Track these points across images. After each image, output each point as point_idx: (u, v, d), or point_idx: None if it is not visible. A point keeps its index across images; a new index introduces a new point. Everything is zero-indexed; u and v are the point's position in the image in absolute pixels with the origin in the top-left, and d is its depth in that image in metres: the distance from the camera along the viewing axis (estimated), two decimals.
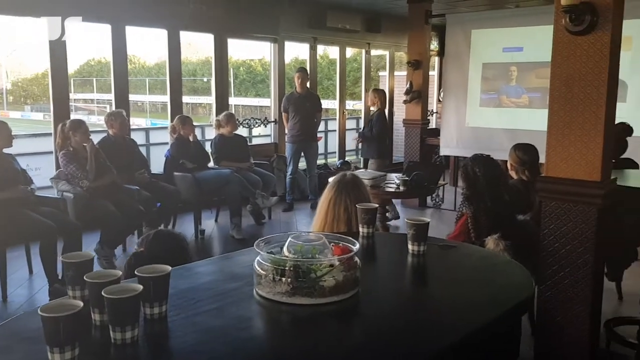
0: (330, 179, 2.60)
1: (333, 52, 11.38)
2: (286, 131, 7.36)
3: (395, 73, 10.26)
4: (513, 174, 3.74)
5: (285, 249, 1.48)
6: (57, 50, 5.71)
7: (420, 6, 7.18)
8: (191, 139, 6.18)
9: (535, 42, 6.56)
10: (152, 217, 5.39)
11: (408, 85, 7.34)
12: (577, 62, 2.72)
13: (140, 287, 1.17)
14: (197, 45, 24.95)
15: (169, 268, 1.29)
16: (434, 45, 9.84)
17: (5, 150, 4.49)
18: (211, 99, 7.61)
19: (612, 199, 2.83)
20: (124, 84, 6.40)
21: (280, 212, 7.10)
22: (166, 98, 7.15)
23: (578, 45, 2.70)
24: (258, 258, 1.46)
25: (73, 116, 6.31)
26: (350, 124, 10.35)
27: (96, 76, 36.27)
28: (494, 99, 7.02)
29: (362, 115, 9.83)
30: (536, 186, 2.93)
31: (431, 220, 1.92)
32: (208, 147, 6.81)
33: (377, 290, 1.53)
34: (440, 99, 10.31)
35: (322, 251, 1.48)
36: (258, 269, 1.44)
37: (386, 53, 9.96)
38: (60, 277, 4.37)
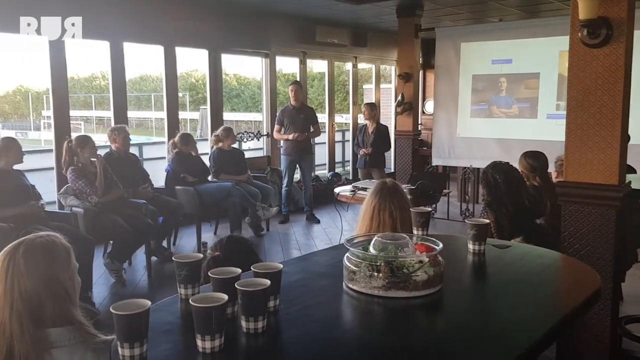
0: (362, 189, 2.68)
1: (317, 66, 11.53)
2: (281, 144, 7.46)
3: (381, 86, 10.44)
4: None
5: (371, 247, 1.57)
6: (58, 66, 5.72)
7: (410, 20, 7.36)
8: (194, 153, 6.28)
9: (524, 54, 6.82)
10: (158, 230, 5.45)
11: (400, 97, 7.50)
12: (593, 72, 2.89)
13: (268, 281, 1.25)
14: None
15: (281, 266, 1.37)
16: None
17: (15, 167, 4.49)
18: (187, 115, 7.67)
19: (627, 201, 3.00)
20: (122, 100, 6.42)
21: (277, 224, 7.16)
22: (137, 114, 7.19)
23: (594, 57, 2.87)
24: (348, 255, 1.55)
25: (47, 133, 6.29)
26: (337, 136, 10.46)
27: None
28: (485, 110, 7.22)
29: (350, 129, 9.96)
30: (556, 191, 3.07)
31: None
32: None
33: (453, 285, 1.63)
34: (425, 111, 10.55)
35: (402, 249, 1.58)
36: (350, 265, 1.53)
37: (372, 66, 10.14)
38: None
